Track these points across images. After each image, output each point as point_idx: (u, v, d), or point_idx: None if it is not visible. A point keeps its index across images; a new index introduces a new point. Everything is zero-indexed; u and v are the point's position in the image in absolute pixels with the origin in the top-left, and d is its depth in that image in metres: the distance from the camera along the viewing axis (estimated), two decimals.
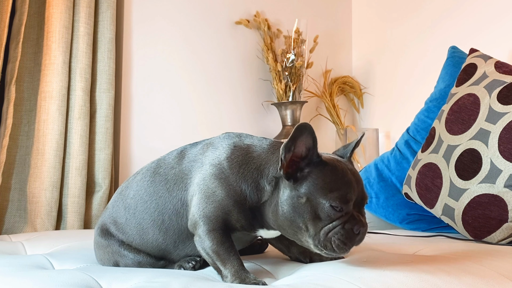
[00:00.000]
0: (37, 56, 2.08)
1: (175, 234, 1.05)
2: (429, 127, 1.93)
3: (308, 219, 0.92)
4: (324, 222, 0.91)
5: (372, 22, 2.92)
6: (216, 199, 0.98)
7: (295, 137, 0.92)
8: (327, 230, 0.91)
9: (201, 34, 2.50)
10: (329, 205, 0.91)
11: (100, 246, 1.13)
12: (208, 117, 2.49)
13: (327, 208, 0.91)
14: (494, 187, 1.46)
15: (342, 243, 0.91)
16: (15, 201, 1.99)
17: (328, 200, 0.91)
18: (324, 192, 0.91)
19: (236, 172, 0.99)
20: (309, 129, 0.92)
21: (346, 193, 0.92)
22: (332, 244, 0.91)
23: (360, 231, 0.92)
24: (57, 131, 2.00)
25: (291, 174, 0.94)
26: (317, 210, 0.91)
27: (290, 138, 0.92)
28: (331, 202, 0.91)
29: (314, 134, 0.93)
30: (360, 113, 2.92)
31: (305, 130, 0.92)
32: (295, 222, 0.93)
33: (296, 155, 0.94)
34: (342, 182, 0.93)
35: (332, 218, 0.91)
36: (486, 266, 1.02)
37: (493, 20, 2.27)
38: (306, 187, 0.93)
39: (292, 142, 0.92)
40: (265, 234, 1.04)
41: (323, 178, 0.93)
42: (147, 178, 1.09)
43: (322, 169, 0.93)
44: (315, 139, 0.93)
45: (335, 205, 0.91)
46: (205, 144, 1.07)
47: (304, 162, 0.94)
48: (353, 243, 0.92)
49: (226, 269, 0.94)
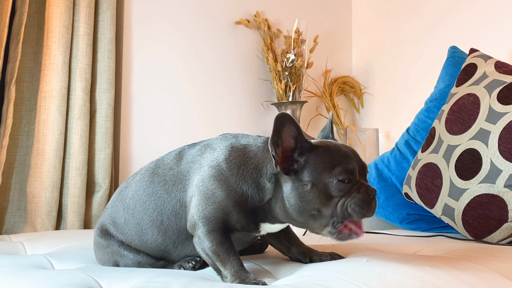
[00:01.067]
0: (37, 56, 2.08)
1: (174, 235, 1.05)
2: (429, 127, 1.93)
3: (319, 203, 0.93)
4: (336, 199, 0.93)
5: (372, 22, 2.92)
6: (215, 200, 0.98)
7: (278, 130, 0.93)
8: (342, 203, 0.92)
9: (201, 34, 2.50)
10: (337, 181, 0.92)
11: (100, 246, 1.13)
12: (208, 117, 2.49)
13: (335, 184, 0.92)
14: (494, 187, 1.47)
15: (360, 207, 0.92)
16: (15, 201, 1.99)
17: (334, 177, 0.92)
18: (327, 172, 0.93)
19: (235, 174, 0.99)
20: (289, 118, 0.93)
21: (348, 164, 0.94)
22: (351, 212, 0.92)
23: (374, 194, 0.94)
24: (57, 131, 2.00)
25: (287, 168, 0.95)
26: (326, 191, 0.93)
27: (274, 132, 0.92)
28: (337, 177, 0.92)
29: (296, 122, 0.94)
30: (360, 113, 2.92)
31: (285, 121, 0.93)
32: (305, 211, 0.94)
33: (286, 150, 0.94)
34: (340, 156, 0.95)
35: (343, 191, 0.92)
36: (486, 266, 1.02)
37: (493, 20, 2.27)
38: (307, 174, 0.94)
39: (277, 135, 0.93)
40: (268, 229, 1.05)
41: (321, 160, 0.94)
42: (146, 178, 1.09)
43: (317, 152, 0.95)
44: (298, 126, 0.94)
45: (342, 178, 0.92)
46: (203, 145, 1.07)
47: (297, 153, 0.95)
48: (370, 207, 0.93)
49: (226, 269, 0.94)
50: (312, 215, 0.94)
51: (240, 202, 0.98)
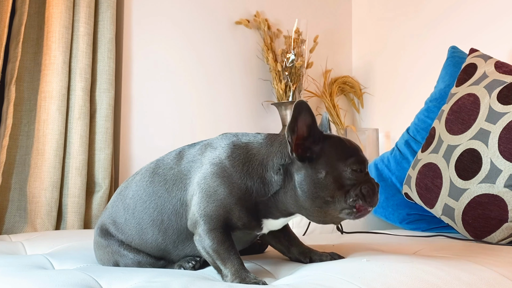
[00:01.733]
0: (37, 56, 2.08)
1: (175, 234, 1.05)
2: (429, 127, 1.93)
3: (334, 189, 0.96)
4: (349, 186, 0.97)
5: (372, 22, 2.92)
6: (217, 198, 0.98)
7: (296, 117, 0.95)
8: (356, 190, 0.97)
9: (201, 34, 2.50)
10: (351, 170, 0.97)
11: (100, 246, 1.13)
12: (208, 117, 2.49)
13: (349, 173, 0.97)
14: (494, 187, 1.47)
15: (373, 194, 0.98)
16: (15, 201, 1.99)
17: (349, 166, 0.97)
18: (342, 161, 0.97)
19: (240, 170, 0.99)
20: (306, 107, 0.96)
21: (358, 155, 0.99)
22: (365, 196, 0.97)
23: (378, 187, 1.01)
24: (57, 131, 2.00)
25: (301, 156, 0.97)
26: (339, 179, 0.96)
27: (292, 119, 0.95)
28: (351, 167, 0.97)
29: (311, 111, 0.96)
30: (360, 113, 2.92)
31: (302, 109, 0.96)
32: (319, 197, 0.96)
33: (299, 137, 0.97)
34: (352, 148, 1.00)
35: (357, 180, 0.97)
36: (486, 266, 1.02)
37: (493, 20, 2.27)
38: (322, 162, 0.97)
39: (294, 122, 0.96)
40: (271, 225, 1.05)
41: (336, 150, 0.99)
42: (146, 178, 1.09)
43: (330, 143, 0.99)
44: (313, 115, 0.97)
45: (356, 168, 0.97)
46: (203, 144, 1.08)
47: (309, 141, 0.97)
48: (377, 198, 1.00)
49: (226, 268, 0.94)
50: (326, 201, 0.96)
51: (244, 198, 0.98)
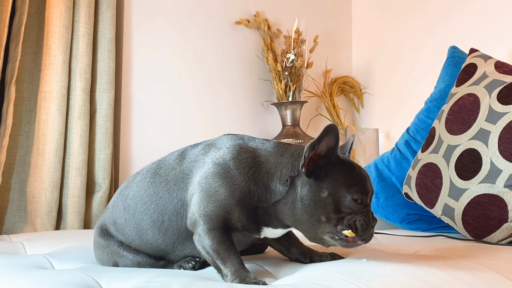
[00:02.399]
0: (37, 56, 2.08)
1: (175, 235, 1.05)
2: (429, 127, 1.93)
3: (330, 211, 0.96)
4: (346, 214, 0.96)
5: (372, 22, 2.92)
6: (218, 198, 0.98)
7: (322, 137, 0.96)
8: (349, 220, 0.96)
9: (201, 34, 2.50)
10: (351, 198, 0.96)
11: (99, 247, 1.13)
12: (208, 117, 2.49)
13: (348, 201, 0.96)
14: (494, 187, 1.46)
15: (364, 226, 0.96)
16: (15, 201, 1.99)
17: (351, 194, 0.96)
18: (346, 187, 0.97)
19: (245, 173, 0.99)
20: (334, 130, 0.97)
21: (365, 186, 0.98)
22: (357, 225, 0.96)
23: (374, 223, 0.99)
24: (57, 131, 2.00)
25: (310, 172, 0.97)
26: (339, 203, 0.96)
27: (318, 138, 0.96)
28: (353, 195, 0.96)
29: (338, 136, 0.97)
30: (360, 113, 2.92)
31: (331, 131, 0.96)
32: (315, 215, 0.96)
33: (316, 154, 0.97)
34: (360, 177, 0.99)
35: (353, 210, 0.96)
36: (486, 266, 1.02)
37: (493, 20, 2.27)
38: (328, 182, 0.97)
39: (318, 142, 0.96)
40: (270, 234, 1.04)
41: (344, 175, 0.98)
42: (147, 179, 1.09)
43: (342, 167, 0.99)
44: (337, 140, 0.97)
45: (357, 197, 0.96)
46: (206, 144, 1.07)
47: (323, 161, 0.97)
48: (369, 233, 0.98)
49: (226, 268, 0.94)
50: (320, 220, 0.96)
51: (244, 201, 0.98)
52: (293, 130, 2.52)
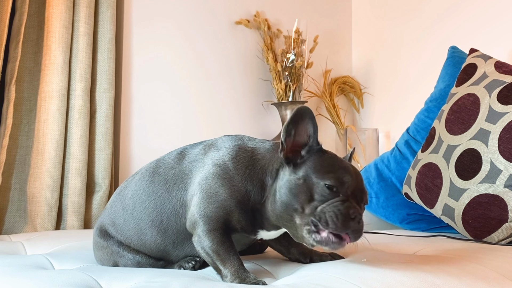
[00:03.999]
0: (37, 56, 2.08)
1: (174, 235, 1.04)
2: (429, 127, 1.93)
3: (304, 200, 0.92)
4: (319, 202, 0.91)
5: (372, 22, 2.92)
6: (218, 199, 0.98)
7: (296, 121, 0.94)
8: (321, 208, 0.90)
9: (201, 34, 2.50)
10: (324, 184, 0.92)
11: (99, 247, 1.13)
12: (208, 117, 2.49)
13: (321, 187, 0.92)
14: (494, 187, 1.46)
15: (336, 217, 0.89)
16: (15, 201, 1.99)
17: (323, 180, 0.92)
18: (320, 173, 0.93)
19: (242, 173, 0.99)
20: (309, 114, 0.94)
21: (342, 176, 0.93)
22: (326, 216, 0.89)
23: (356, 217, 0.91)
24: (57, 131, 2.00)
25: (291, 159, 0.96)
26: (312, 190, 0.92)
27: (290, 121, 0.94)
28: (325, 181, 0.92)
29: (315, 120, 0.95)
30: (360, 113, 2.92)
31: (306, 116, 0.94)
32: (290, 205, 0.93)
33: (298, 144, 0.96)
34: (339, 167, 0.94)
35: (327, 198, 0.91)
36: (486, 266, 1.02)
37: (493, 20, 2.27)
38: (303, 169, 0.94)
39: (292, 125, 0.94)
40: (265, 236, 1.04)
41: (321, 162, 0.95)
42: (146, 178, 1.09)
43: (321, 155, 0.96)
44: (315, 125, 0.95)
45: (330, 183, 0.91)
46: (207, 144, 1.07)
47: (305, 150, 0.96)
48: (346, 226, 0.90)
49: (226, 268, 0.94)
50: (295, 209, 0.93)
51: (243, 201, 0.98)
52: None
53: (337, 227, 0.89)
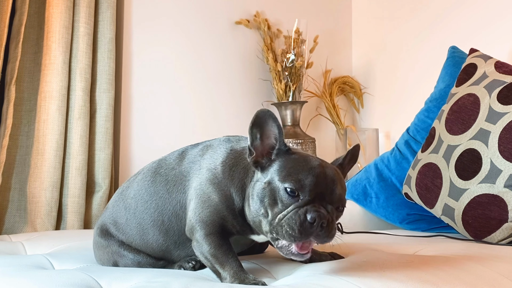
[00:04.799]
0: (37, 56, 2.08)
1: (176, 235, 1.05)
2: (429, 127, 1.93)
3: (268, 204, 0.90)
4: (280, 208, 0.88)
5: (372, 22, 2.92)
6: (211, 204, 0.98)
7: (259, 124, 0.92)
8: (282, 216, 0.88)
9: (201, 34, 2.50)
10: (283, 188, 0.89)
11: (99, 246, 1.13)
12: (208, 117, 2.49)
13: (282, 192, 0.89)
14: (494, 187, 1.46)
15: (291, 229, 0.85)
16: (15, 201, 1.99)
17: (284, 183, 0.89)
18: (281, 176, 0.90)
19: (227, 176, 0.99)
20: (271, 116, 0.92)
21: (304, 178, 0.88)
22: (282, 229, 0.87)
23: (316, 221, 0.85)
24: (57, 131, 2.00)
25: (259, 163, 0.94)
26: (274, 195, 0.90)
27: (252, 125, 0.92)
28: (285, 184, 0.88)
29: (278, 121, 0.93)
30: (360, 113, 2.92)
31: (268, 118, 0.92)
32: (258, 210, 0.92)
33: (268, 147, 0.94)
34: (302, 169, 0.89)
35: (287, 203, 0.88)
36: (486, 266, 1.02)
37: (493, 20, 2.27)
38: (269, 173, 0.93)
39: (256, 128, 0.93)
40: (257, 239, 1.04)
41: (284, 164, 0.92)
42: (148, 178, 1.09)
43: (286, 157, 0.93)
44: (280, 127, 0.93)
45: (289, 187, 0.88)
46: (205, 146, 1.07)
47: (274, 153, 0.94)
48: (306, 234, 0.86)
49: (225, 271, 0.94)
50: (262, 214, 0.92)
51: (230, 205, 0.98)
52: (293, 130, 2.52)
53: (295, 238, 0.86)
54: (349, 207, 2.01)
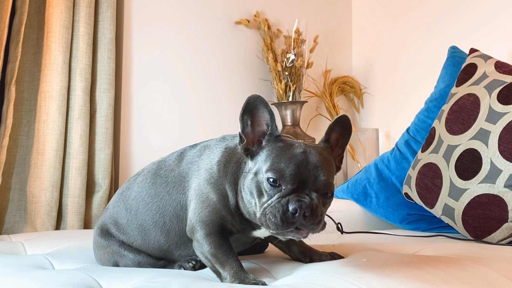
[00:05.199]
0: (37, 56, 2.08)
1: (177, 236, 1.05)
2: (429, 127, 1.93)
3: (256, 196, 0.90)
4: (266, 198, 0.88)
5: (372, 22, 2.92)
6: (210, 204, 0.99)
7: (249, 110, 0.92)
8: (266, 206, 0.88)
9: (201, 34, 2.50)
10: (266, 179, 0.88)
11: (99, 246, 1.13)
12: (208, 117, 2.49)
13: (265, 183, 0.89)
14: (494, 187, 1.46)
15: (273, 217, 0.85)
16: (15, 201, 1.99)
17: (267, 173, 0.89)
18: (266, 166, 0.90)
19: (222, 174, 1.00)
20: (262, 102, 0.91)
21: (285, 167, 0.87)
22: (265, 218, 0.87)
23: (298, 211, 0.85)
24: (57, 131, 2.00)
25: (250, 151, 0.94)
26: (260, 185, 0.90)
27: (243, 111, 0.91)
28: (267, 175, 0.88)
29: (269, 106, 0.92)
30: (360, 113, 2.92)
31: (259, 104, 0.91)
32: (250, 201, 0.92)
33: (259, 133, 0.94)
34: (285, 157, 0.89)
35: (270, 194, 0.88)
36: (486, 266, 1.02)
37: (493, 20, 2.27)
38: (256, 161, 0.92)
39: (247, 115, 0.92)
40: (258, 234, 1.04)
41: (270, 153, 0.91)
42: (149, 179, 1.10)
43: (273, 145, 0.92)
44: (271, 112, 0.92)
45: (271, 177, 0.87)
46: (202, 146, 1.08)
47: (265, 139, 0.94)
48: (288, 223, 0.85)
49: (225, 271, 0.94)
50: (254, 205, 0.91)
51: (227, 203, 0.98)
52: (293, 130, 2.52)
53: (279, 228, 0.86)
54: (349, 207, 2.01)
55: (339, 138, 0.99)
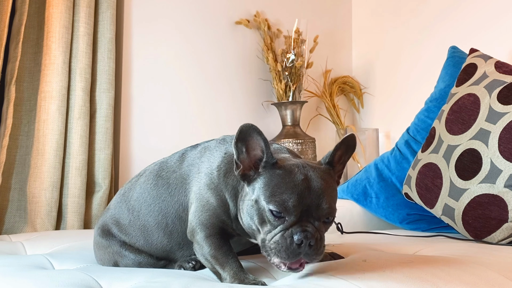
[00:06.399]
0: (37, 56, 2.08)
1: (179, 237, 1.06)
2: (429, 127, 1.93)
3: (258, 222, 0.90)
4: (269, 228, 0.88)
5: (372, 22, 2.92)
6: (210, 208, 1.00)
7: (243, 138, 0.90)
8: (270, 237, 0.87)
9: (201, 34, 2.50)
10: (268, 209, 0.87)
11: (100, 246, 1.13)
12: (208, 117, 2.49)
13: (267, 212, 0.87)
14: (494, 187, 1.46)
15: (278, 252, 0.85)
16: (15, 201, 1.99)
17: (268, 204, 0.87)
18: (266, 195, 0.88)
19: (222, 182, 1.00)
20: (256, 130, 0.89)
21: (288, 198, 0.86)
22: (268, 253, 0.87)
23: (303, 241, 0.85)
24: (57, 131, 2.00)
25: (247, 176, 0.93)
26: (262, 214, 0.89)
27: (237, 139, 0.90)
28: (269, 206, 0.87)
29: (263, 134, 0.91)
30: (360, 113, 2.92)
31: (252, 132, 0.90)
32: (250, 225, 0.92)
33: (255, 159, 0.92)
34: (286, 187, 0.87)
35: (274, 224, 0.87)
36: (486, 266, 1.01)
37: (493, 20, 2.27)
38: (256, 189, 0.91)
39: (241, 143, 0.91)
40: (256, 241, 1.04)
41: (269, 181, 0.89)
42: (150, 181, 1.10)
43: (272, 172, 0.90)
44: (265, 140, 0.90)
45: (274, 209, 0.86)
46: (203, 147, 1.08)
47: (261, 165, 0.92)
48: (294, 255, 0.85)
49: (225, 272, 0.94)
50: (255, 230, 0.92)
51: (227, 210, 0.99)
52: (293, 130, 2.52)
53: (283, 259, 0.86)
54: (349, 207, 2.01)
55: (342, 155, 0.98)
